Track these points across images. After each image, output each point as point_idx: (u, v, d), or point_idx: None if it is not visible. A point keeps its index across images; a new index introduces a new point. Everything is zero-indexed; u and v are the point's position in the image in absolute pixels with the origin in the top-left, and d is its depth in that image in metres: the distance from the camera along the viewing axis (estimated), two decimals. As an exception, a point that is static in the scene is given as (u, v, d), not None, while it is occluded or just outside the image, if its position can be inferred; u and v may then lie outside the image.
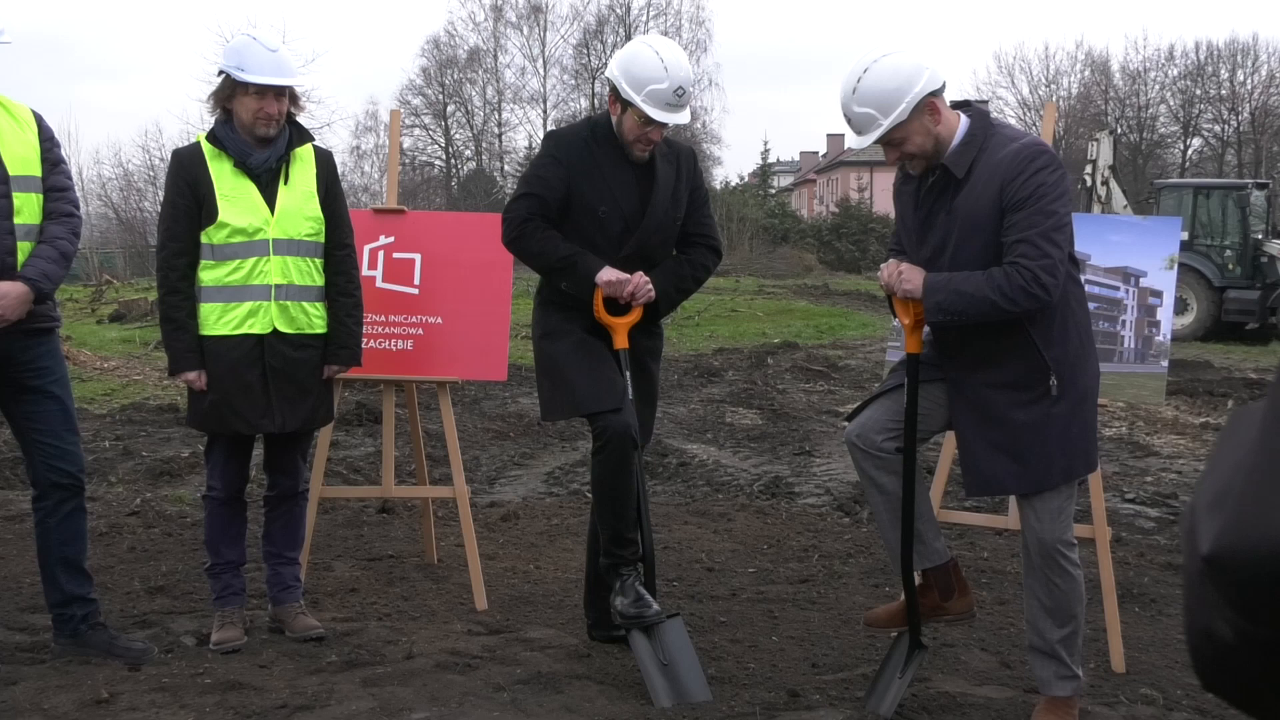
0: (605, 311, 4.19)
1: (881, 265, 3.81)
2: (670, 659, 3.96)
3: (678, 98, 4.07)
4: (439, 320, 5.17)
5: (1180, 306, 19.35)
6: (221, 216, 4.28)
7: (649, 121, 4.06)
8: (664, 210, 4.27)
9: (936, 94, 3.52)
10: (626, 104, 4.07)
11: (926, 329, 3.72)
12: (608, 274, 4.12)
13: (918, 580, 3.85)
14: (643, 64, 4.05)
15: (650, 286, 4.20)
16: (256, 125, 4.30)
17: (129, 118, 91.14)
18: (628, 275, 4.15)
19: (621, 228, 4.21)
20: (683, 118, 4.16)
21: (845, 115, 3.60)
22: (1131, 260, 4.65)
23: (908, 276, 3.61)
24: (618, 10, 54.01)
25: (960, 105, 3.67)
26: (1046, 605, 3.67)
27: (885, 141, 3.56)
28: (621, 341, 4.22)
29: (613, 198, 4.18)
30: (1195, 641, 0.88)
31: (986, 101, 3.63)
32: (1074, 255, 3.64)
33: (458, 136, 55.91)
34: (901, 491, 3.71)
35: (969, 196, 3.52)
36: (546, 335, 4.28)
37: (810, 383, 12.98)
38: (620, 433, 4.07)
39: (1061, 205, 3.46)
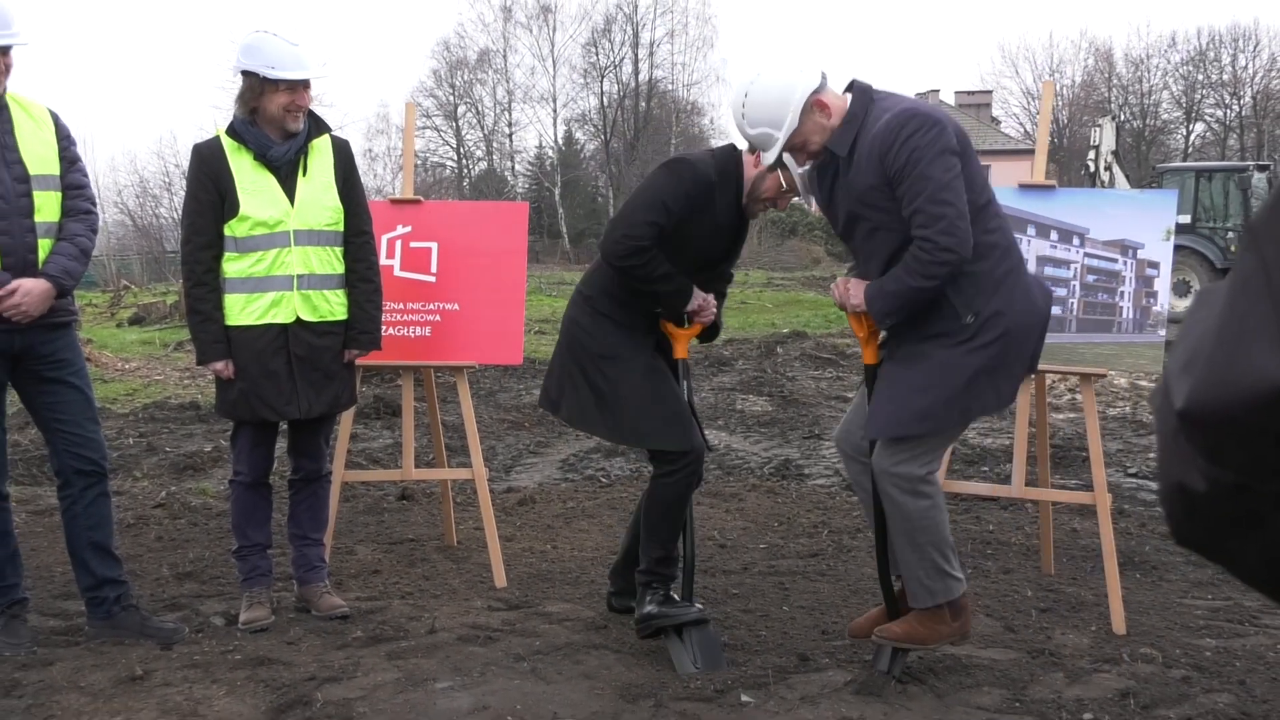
0: (671, 324, 4.32)
1: (832, 285, 3.87)
2: (699, 659, 4.02)
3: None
4: (456, 307, 5.24)
5: (1183, 289, 19.38)
6: (243, 209, 4.35)
7: (790, 194, 4.16)
8: (737, 257, 4.48)
9: (819, 90, 3.61)
10: (783, 168, 3.96)
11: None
12: (694, 302, 4.22)
13: (896, 586, 3.93)
14: None
15: (714, 306, 4.34)
16: (287, 120, 4.36)
17: (144, 126, 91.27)
18: (703, 298, 4.25)
19: (701, 265, 4.26)
20: (811, 206, 4.36)
21: (745, 140, 3.72)
22: (1129, 233, 4.70)
23: (853, 292, 3.69)
24: (625, 9, 54.03)
25: (849, 88, 3.73)
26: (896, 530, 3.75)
27: (789, 148, 3.66)
28: (682, 352, 4.37)
29: (711, 243, 4.23)
30: (1169, 498, 0.96)
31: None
32: (989, 200, 3.66)
33: (469, 137, 56.05)
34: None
35: (856, 174, 3.59)
36: (608, 358, 4.19)
37: (819, 370, 13.03)
38: (696, 458, 4.16)
39: (939, 165, 3.46)
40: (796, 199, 4.32)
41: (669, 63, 55.43)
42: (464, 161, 56.03)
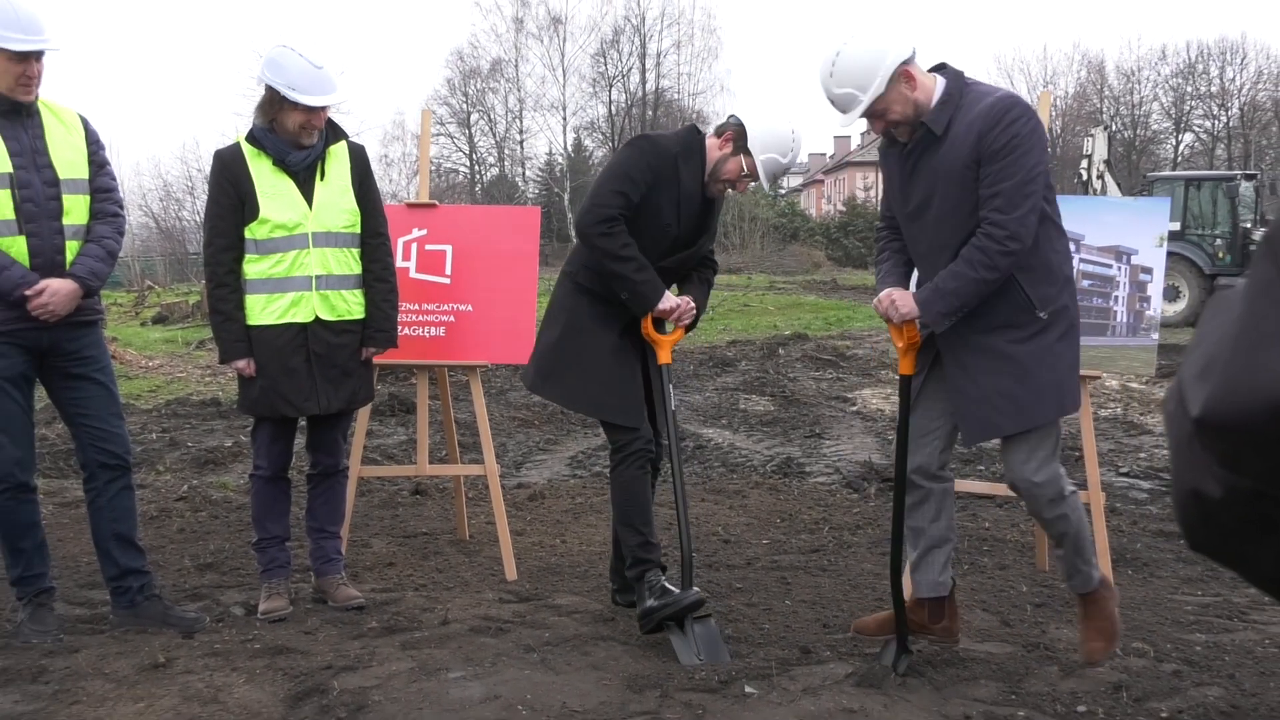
0: (653, 329, 4.31)
1: (874, 300, 3.79)
2: (701, 651, 4.01)
3: (783, 174, 4.29)
4: (469, 308, 5.23)
5: (1172, 294, 19.34)
6: (263, 213, 4.34)
7: (749, 178, 4.20)
8: (712, 237, 4.48)
9: (908, 62, 3.56)
10: (744, 152, 4.17)
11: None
12: (667, 303, 4.22)
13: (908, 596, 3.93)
14: (778, 133, 4.19)
15: (694, 309, 4.34)
16: (301, 136, 4.35)
17: (168, 132, 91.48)
18: (679, 301, 4.26)
19: (672, 243, 4.29)
20: (768, 189, 4.38)
21: (827, 97, 3.65)
22: (1123, 239, 4.68)
23: (900, 301, 3.63)
24: (633, 20, 54.01)
25: (937, 68, 3.71)
26: (1052, 535, 3.80)
27: (868, 114, 3.62)
28: (665, 357, 4.34)
29: (679, 216, 4.25)
30: (1183, 504, 0.94)
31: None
32: (1049, 197, 3.64)
33: (481, 144, 56.03)
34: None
35: (949, 152, 3.56)
36: (580, 329, 4.26)
37: (820, 371, 13.01)
38: (641, 448, 4.21)
39: (1034, 157, 3.48)
40: (754, 184, 4.32)
41: (675, 73, 55.44)
42: (476, 167, 56.05)
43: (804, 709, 3.52)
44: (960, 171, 3.54)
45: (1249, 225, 20.02)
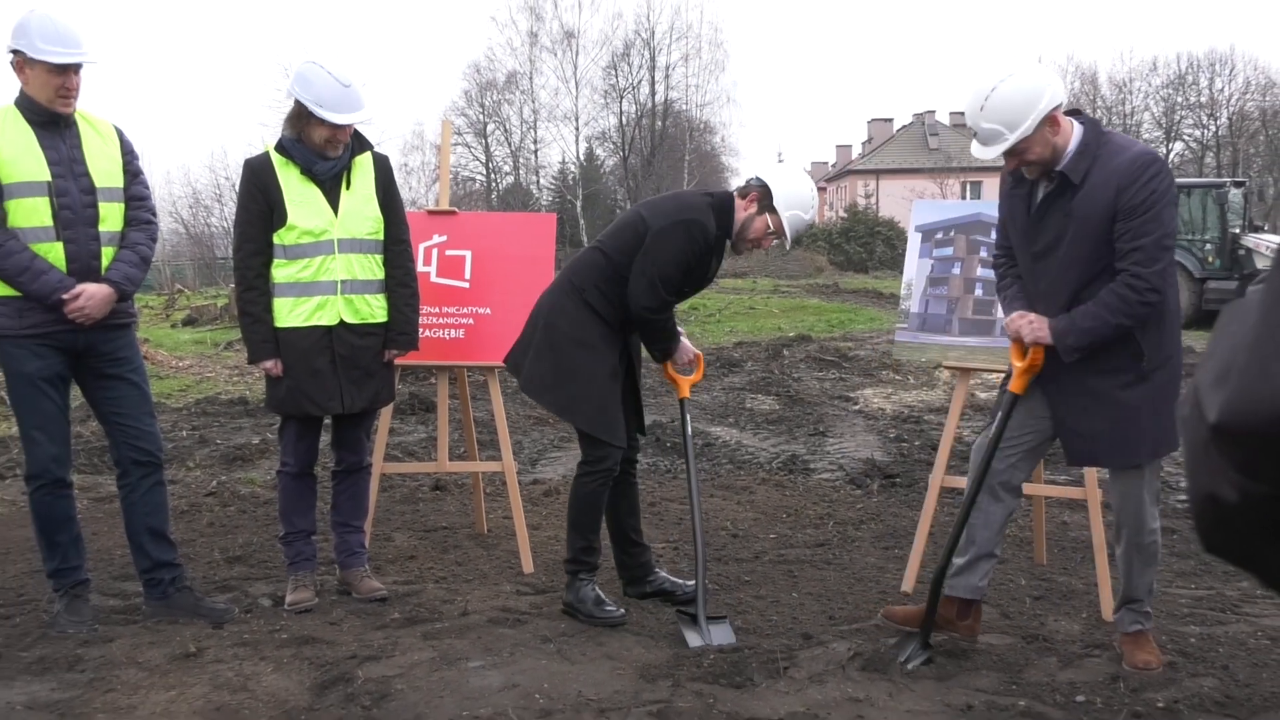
0: (674, 371, 4.58)
1: (1008, 318, 3.75)
2: (710, 637, 4.07)
3: (806, 228, 4.40)
4: (488, 311, 5.23)
5: (1164, 297, 19.23)
6: (291, 219, 4.34)
7: (775, 235, 4.26)
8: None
9: (1058, 106, 3.50)
10: (769, 210, 4.22)
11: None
12: (687, 355, 4.54)
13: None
14: (800, 192, 4.25)
15: (702, 360, 4.72)
16: (327, 149, 4.35)
17: (197, 141, 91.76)
18: (695, 353, 4.58)
19: (692, 290, 4.45)
20: (788, 245, 4.54)
21: (972, 128, 3.55)
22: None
23: (1036, 325, 3.61)
24: (643, 35, 53.94)
25: (1072, 113, 3.65)
26: (1134, 564, 3.80)
27: (1008, 151, 3.54)
28: (685, 393, 4.64)
29: (705, 275, 4.38)
30: (1199, 508, 0.92)
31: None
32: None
33: (497, 153, 56.02)
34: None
35: (1085, 200, 3.51)
36: (585, 345, 4.27)
37: (823, 371, 12.97)
38: (610, 467, 4.30)
39: (1170, 213, 3.49)
40: (776, 241, 4.35)
41: (683, 84, 55.30)
42: (492, 176, 56.03)
43: (811, 698, 3.51)
44: (1095, 222, 3.51)
45: (1238, 230, 19.95)
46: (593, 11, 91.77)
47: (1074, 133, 3.57)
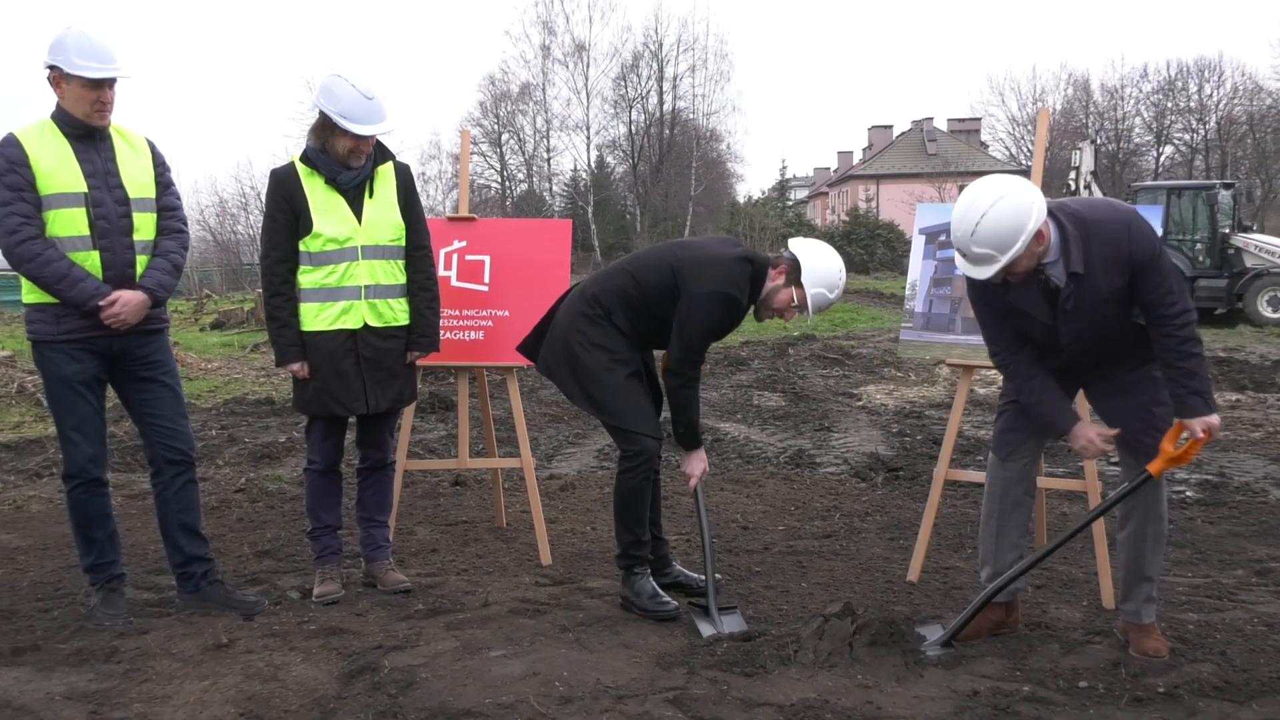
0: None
1: (1180, 448, 3.58)
2: (723, 627, 4.08)
3: (828, 305, 4.32)
4: (506, 314, 5.21)
5: (1156, 295, 19.16)
6: (316, 227, 4.33)
7: (797, 308, 4.21)
8: None
9: (1042, 222, 3.42)
10: (795, 284, 4.18)
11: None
12: (700, 466, 4.43)
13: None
14: (829, 270, 4.21)
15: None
16: (350, 159, 4.33)
17: (223, 152, 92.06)
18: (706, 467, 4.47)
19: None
20: (811, 319, 4.42)
21: (961, 252, 3.48)
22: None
23: (1215, 422, 3.51)
24: (651, 47, 54.02)
25: None
26: (1148, 545, 3.80)
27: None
28: (693, 484, 4.47)
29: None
30: None
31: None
32: None
33: (511, 161, 56.14)
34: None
35: (1096, 284, 3.48)
36: (619, 360, 4.21)
37: (827, 369, 12.95)
38: (653, 454, 4.23)
39: (1167, 253, 3.52)
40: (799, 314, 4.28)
41: (690, 94, 55.36)
42: (507, 183, 56.11)
43: (821, 684, 3.49)
44: (1116, 295, 3.50)
45: (1227, 230, 19.88)
46: (603, 25, 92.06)
47: (1051, 231, 3.49)
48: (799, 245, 4.27)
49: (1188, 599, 4.44)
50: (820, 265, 4.21)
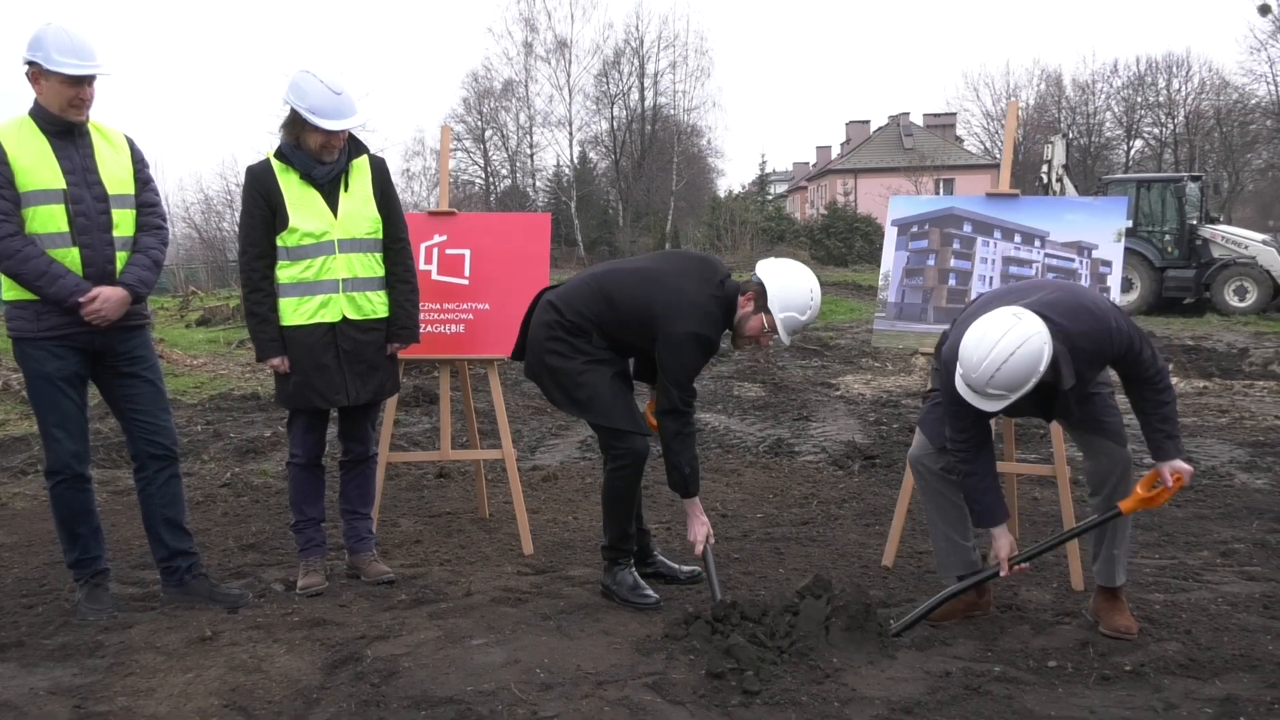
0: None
1: (1158, 491, 3.74)
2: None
3: (802, 328, 4.17)
4: (487, 307, 5.20)
5: (1126, 285, 19.33)
6: (292, 223, 4.30)
7: (770, 333, 4.11)
8: None
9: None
10: (764, 310, 4.06)
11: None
12: (702, 529, 4.30)
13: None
14: (796, 292, 4.06)
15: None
16: (323, 154, 4.31)
17: (208, 149, 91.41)
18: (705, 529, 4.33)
19: None
20: (788, 342, 4.24)
21: (974, 390, 3.48)
22: (1085, 235, 4.64)
23: (1184, 469, 3.67)
24: (633, 44, 53.83)
25: None
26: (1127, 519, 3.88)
27: None
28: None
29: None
30: None
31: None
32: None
33: (495, 157, 55.91)
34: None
35: (1082, 380, 3.60)
36: (599, 361, 4.17)
37: (806, 360, 12.98)
38: (641, 453, 4.20)
39: (1143, 339, 3.61)
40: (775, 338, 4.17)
41: (671, 90, 55.37)
42: (490, 179, 55.89)
43: (796, 667, 3.50)
44: (1092, 383, 3.72)
45: (1195, 222, 20.02)
46: (584, 22, 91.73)
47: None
48: (766, 269, 4.13)
49: (1154, 580, 4.47)
50: (787, 287, 4.05)
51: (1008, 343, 3.37)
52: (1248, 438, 7.70)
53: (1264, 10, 39.64)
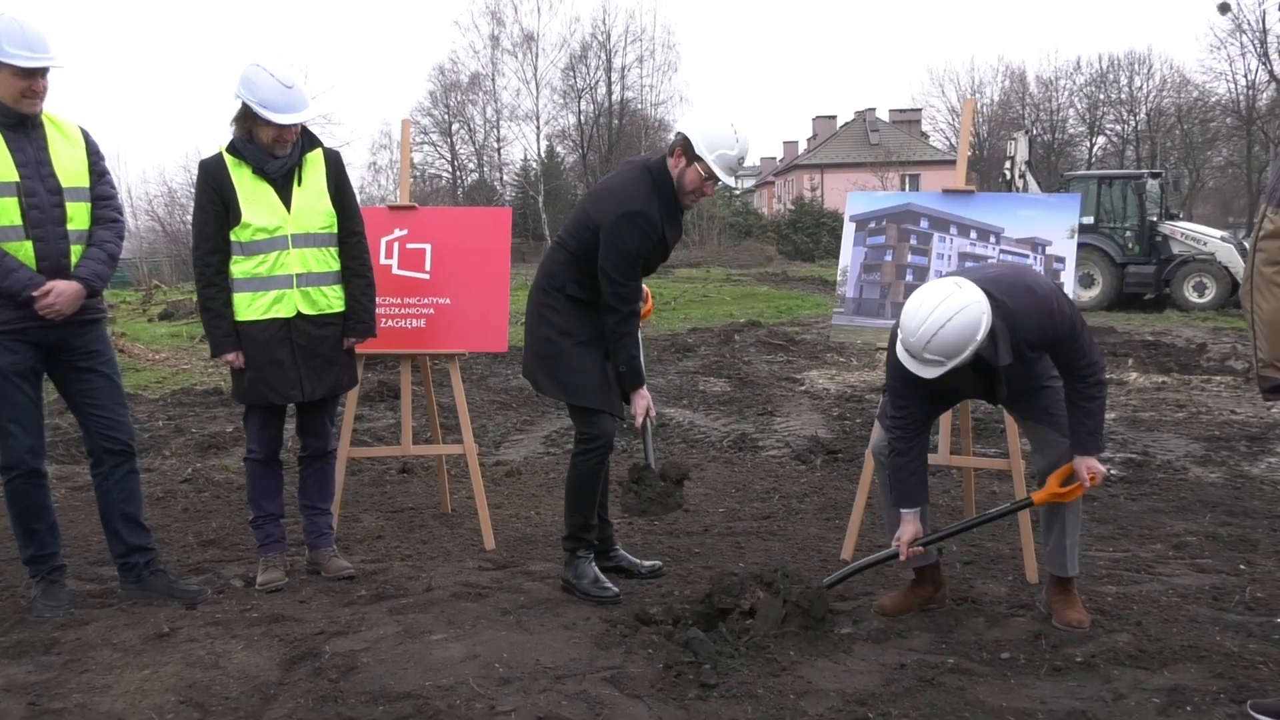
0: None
1: (1081, 485, 3.78)
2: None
3: (739, 164, 4.14)
4: (448, 301, 5.19)
5: (1087, 281, 19.55)
6: (245, 218, 4.27)
7: (710, 179, 4.08)
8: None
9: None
10: (695, 159, 4.05)
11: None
12: (645, 400, 4.27)
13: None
14: (718, 131, 4.05)
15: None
16: (275, 148, 4.29)
17: (172, 141, 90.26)
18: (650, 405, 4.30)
19: (662, 253, 4.25)
20: (734, 183, 4.23)
21: (912, 355, 3.52)
22: (1039, 231, 4.69)
23: (1094, 467, 3.72)
24: (599, 38, 53.76)
25: None
26: (1070, 512, 3.93)
27: None
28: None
29: (669, 237, 4.19)
30: None
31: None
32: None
33: (462, 151, 55.67)
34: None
35: (1020, 359, 3.64)
36: (572, 335, 4.17)
37: (771, 355, 13.03)
38: (609, 442, 4.22)
39: (1081, 323, 3.66)
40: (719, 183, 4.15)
41: (638, 85, 55.37)
42: (458, 173, 55.66)
43: (754, 662, 3.52)
44: (1035, 363, 3.75)
45: (1155, 219, 20.27)
46: (551, 15, 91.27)
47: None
48: (684, 121, 4.17)
49: (1108, 572, 4.54)
50: (708, 130, 4.06)
51: (946, 309, 3.43)
52: (1204, 432, 7.82)
53: (1224, 9, 40.26)
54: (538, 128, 53.47)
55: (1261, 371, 2.95)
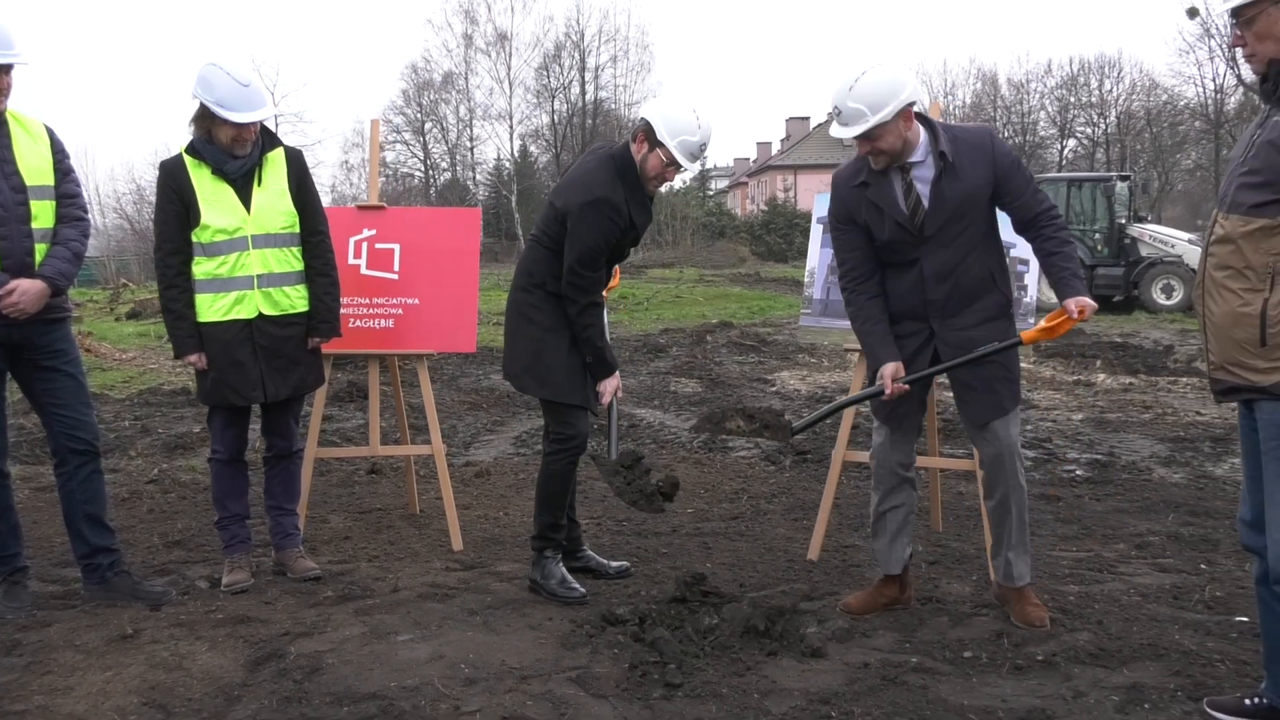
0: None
1: (1070, 304, 3.66)
2: None
3: (700, 150, 4.16)
4: (416, 301, 5.18)
5: (1058, 283, 19.67)
6: (204, 219, 4.25)
7: (672, 164, 4.11)
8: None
9: (914, 104, 3.63)
10: (657, 145, 4.08)
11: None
12: (613, 382, 4.29)
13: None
14: (679, 117, 4.08)
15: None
16: (234, 147, 4.28)
17: (140, 138, 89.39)
18: (617, 386, 4.33)
19: (631, 241, 4.28)
20: (696, 168, 4.26)
21: (837, 108, 3.62)
22: (1004, 233, 4.73)
23: (1083, 302, 3.64)
24: (573, 37, 53.74)
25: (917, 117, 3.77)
26: (1018, 511, 3.89)
27: (864, 136, 3.62)
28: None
29: (637, 224, 4.20)
30: None
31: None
32: None
33: (434, 150, 55.51)
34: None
35: (964, 182, 3.67)
36: (553, 331, 4.18)
37: (743, 356, 13.07)
38: (583, 443, 4.26)
39: (1019, 159, 3.76)
40: (683, 170, 4.22)
41: (612, 84, 55.31)
42: (430, 172, 55.49)
43: (719, 662, 3.55)
44: (981, 195, 3.71)
45: (1124, 221, 20.48)
46: (524, 15, 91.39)
47: (920, 132, 3.72)
48: (647, 108, 4.20)
49: (1070, 572, 4.60)
50: (670, 115, 4.09)
51: (873, 61, 3.59)
52: (1169, 433, 7.92)
53: (1192, 13, 40.68)
54: (511, 127, 53.41)
55: (1213, 374, 3.00)
